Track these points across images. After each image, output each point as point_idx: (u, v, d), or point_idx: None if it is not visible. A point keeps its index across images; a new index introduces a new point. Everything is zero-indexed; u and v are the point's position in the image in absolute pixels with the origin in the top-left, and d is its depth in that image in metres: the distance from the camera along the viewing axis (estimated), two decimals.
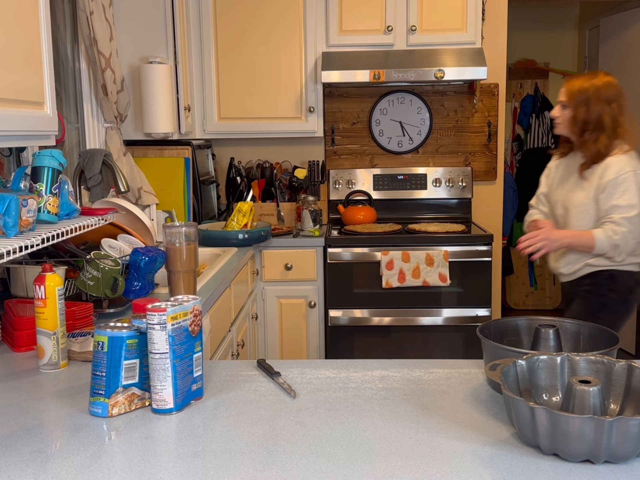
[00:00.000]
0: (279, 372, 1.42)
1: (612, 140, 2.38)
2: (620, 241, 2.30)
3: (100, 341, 1.24)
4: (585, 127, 2.39)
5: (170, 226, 1.91)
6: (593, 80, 2.44)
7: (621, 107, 2.45)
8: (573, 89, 2.42)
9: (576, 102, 2.41)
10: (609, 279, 2.41)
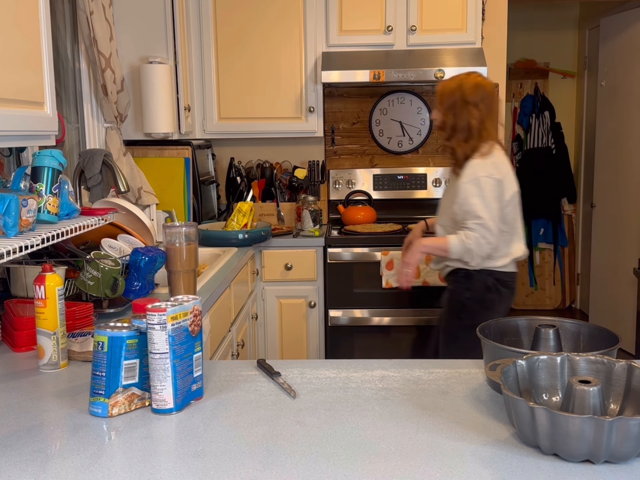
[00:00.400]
0: (279, 372, 1.43)
1: (479, 143, 2.37)
2: (472, 246, 2.31)
3: (100, 341, 1.24)
4: (454, 131, 2.39)
5: (170, 226, 1.91)
6: (461, 82, 2.40)
7: (489, 108, 2.40)
8: (442, 93, 2.42)
9: (445, 106, 2.41)
10: (465, 277, 2.43)
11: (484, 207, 2.30)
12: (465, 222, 2.34)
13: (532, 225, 5.43)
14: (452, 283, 2.50)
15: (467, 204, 2.33)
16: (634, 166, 4.43)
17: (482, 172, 2.33)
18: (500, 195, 2.34)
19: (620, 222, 4.63)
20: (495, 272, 2.42)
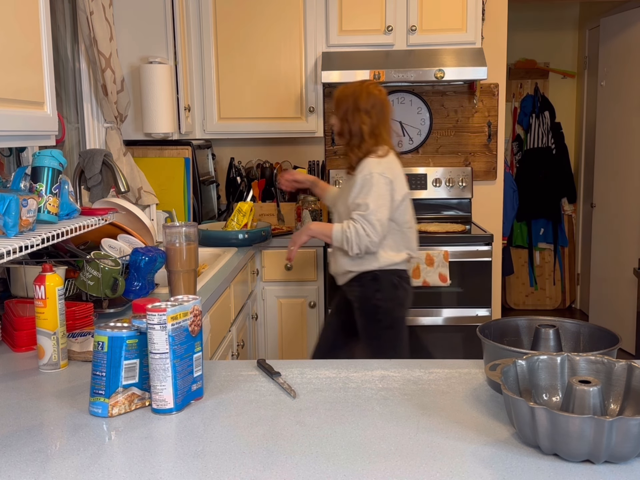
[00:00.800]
0: (279, 372, 1.42)
1: (372, 147, 2.49)
2: (351, 235, 2.42)
3: (100, 341, 1.24)
4: (349, 136, 2.52)
5: (170, 226, 1.91)
6: (354, 90, 2.53)
7: (381, 115, 2.53)
8: (337, 100, 2.55)
9: (340, 114, 2.54)
10: (373, 279, 2.53)
11: (372, 201, 2.42)
12: (352, 213, 2.46)
13: (532, 225, 5.43)
14: (359, 288, 2.57)
15: (357, 198, 2.45)
16: (634, 166, 4.43)
17: (375, 169, 2.45)
18: (391, 195, 2.47)
19: (620, 222, 4.63)
20: (397, 270, 2.56)
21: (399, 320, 2.61)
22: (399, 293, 2.57)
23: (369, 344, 2.60)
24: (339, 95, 2.56)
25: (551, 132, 5.32)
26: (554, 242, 5.43)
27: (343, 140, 2.58)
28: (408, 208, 2.59)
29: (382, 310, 2.54)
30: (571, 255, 5.52)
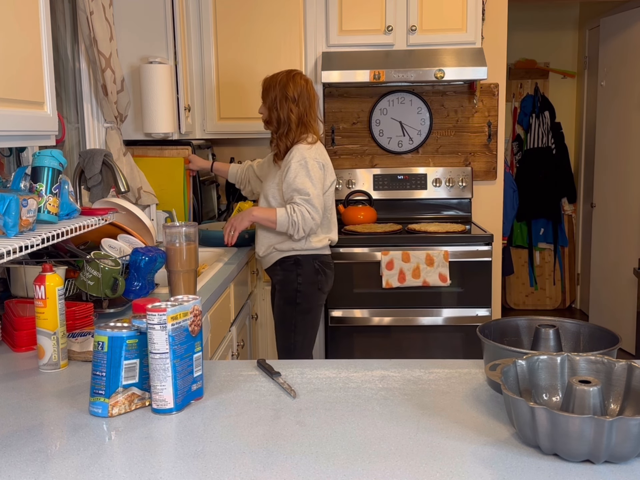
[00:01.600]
0: (279, 372, 1.43)
1: (301, 135, 2.59)
2: (298, 219, 2.50)
3: (100, 341, 1.24)
4: (277, 125, 2.61)
5: (170, 226, 1.91)
6: (281, 79, 2.61)
7: (307, 104, 2.62)
8: (265, 89, 2.63)
9: (268, 102, 2.63)
10: (295, 264, 2.65)
11: (311, 185, 2.52)
12: (292, 198, 2.53)
13: (532, 225, 5.43)
14: (281, 272, 2.68)
15: (295, 183, 2.52)
16: (634, 166, 4.43)
17: (309, 155, 2.56)
18: (323, 180, 2.60)
19: (620, 222, 4.63)
20: (319, 255, 2.69)
21: (317, 306, 2.71)
22: (319, 278, 2.67)
23: (282, 327, 2.70)
24: (266, 84, 2.63)
25: (551, 132, 5.33)
26: (554, 242, 5.43)
27: (271, 128, 2.66)
28: (332, 195, 2.73)
29: (302, 294, 2.65)
30: (571, 255, 5.52)
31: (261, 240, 2.71)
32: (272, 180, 2.69)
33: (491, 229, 3.62)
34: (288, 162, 2.57)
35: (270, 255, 2.70)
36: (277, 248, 2.65)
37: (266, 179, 2.76)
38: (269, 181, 2.70)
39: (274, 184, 2.67)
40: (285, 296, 2.69)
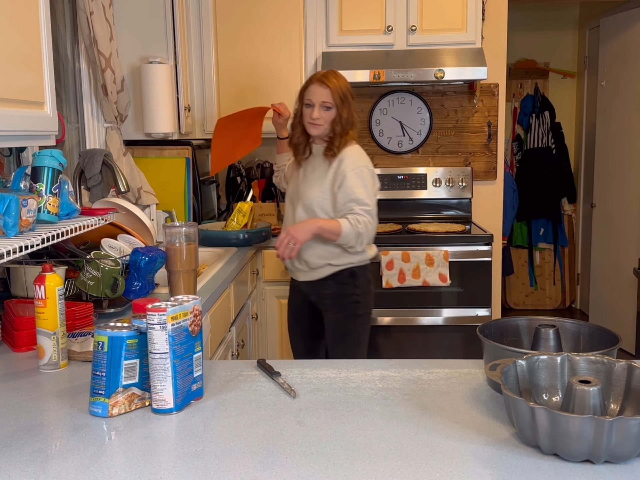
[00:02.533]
0: (279, 372, 1.42)
1: (355, 136, 2.50)
2: (362, 230, 2.35)
3: (100, 341, 1.24)
4: (342, 125, 2.43)
5: (170, 226, 1.91)
6: (343, 79, 2.48)
7: (354, 97, 2.52)
8: (338, 90, 2.42)
9: (341, 102, 2.43)
10: (351, 276, 2.49)
11: (367, 195, 2.39)
12: (352, 209, 2.37)
13: (532, 225, 5.43)
14: (335, 285, 2.50)
15: (354, 193, 2.37)
16: (634, 166, 4.43)
17: (361, 162, 2.43)
18: (374, 186, 2.48)
19: (620, 222, 4.63)
20: (369, 265, 2.58)
21: (371, 315, 2.64)
22: (371, 287, 2.58)
23: (344, 342, 2.54)
24: (336, 85, 2.45)
25: (551, 132, 5.32)
26: (554, 242, 5.43)
27: (338, 128, 2.43)
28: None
29: (361, 305, 2.53)
30: (571, 255, 5.52)
31: (314, 252, 2.47)
32: (317, 188, 2.45)
33: (491, 229, 3.62)
34: (341, 170, 2.40)
35: (321, 269, 2.48)
36: (333, 263, 2.46)
37: (304, 186, 2.50)
38: (312, 189, 2.46)
39: (320, 193, 2.44)
40: (343, 310, 2.51)
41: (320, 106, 2.41)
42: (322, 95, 2.41)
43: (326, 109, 2.41)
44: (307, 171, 2.52)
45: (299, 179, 2.54)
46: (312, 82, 2.46)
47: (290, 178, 2.63)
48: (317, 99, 2.41)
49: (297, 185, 2.54)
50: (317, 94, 2.42)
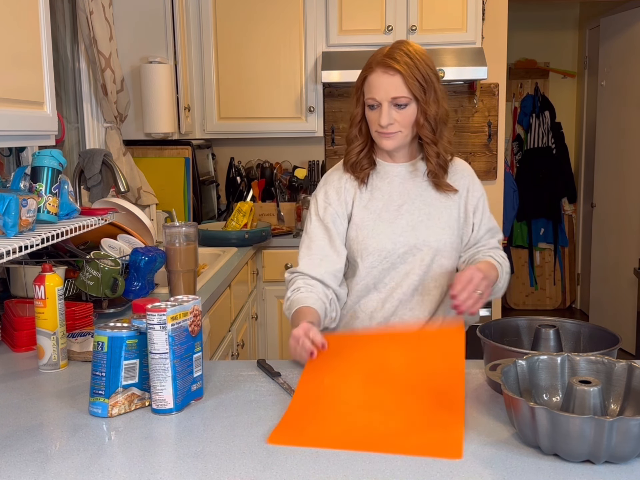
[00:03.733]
0: (279, 372, 1.42)
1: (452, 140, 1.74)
2: (508, 267, 1.72)
3: (100, 341, 1.24)
4: (436, 124, 1.65)
5: (170, 226, 1.91)
6: (421, 54, 1.66)
7: (440, 79, 1.72)
8: (414, 75, 1.61)
9: (423, 92, 1.62)
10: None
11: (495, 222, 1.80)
12: (483, 244, 1.73)
13: (532, 225, 5.43)
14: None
15: (491, 220, 1.75)
16: (634, 166, 4.43)
17: (476, 177, 1.78)
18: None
19: (620, 222, 4.62)
20: None
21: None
22: None
23: None
24: (407, 70, 1.62)
25: (551, 132, 5.32)
26: (554, 242, 5.43)
27: (424, 132, 1.64)
28: None
29: None
30: (571, 255, 5.52)
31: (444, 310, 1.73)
32: (440, 222, 1.68)
33: None
34: (474, 188, 1.72)
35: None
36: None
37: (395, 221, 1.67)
38: (439, 232, 1.67)
39: (447, 230, 1.68)
40: None
41: (389, 105, 1.61)
42: (387, 88, 1.62)
43: (398, 107, 1.62)
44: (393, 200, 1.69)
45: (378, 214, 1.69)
46: (372, 67, 1.70)
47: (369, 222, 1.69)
48: (384, 93, 1.62)
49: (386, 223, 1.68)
50: (382, 85, 1.63)
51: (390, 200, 1.69)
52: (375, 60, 1.71)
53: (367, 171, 1.71)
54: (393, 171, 1.72)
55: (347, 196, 1.71)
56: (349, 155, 1.72)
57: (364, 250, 1.67)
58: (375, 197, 1.70)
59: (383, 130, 1.62)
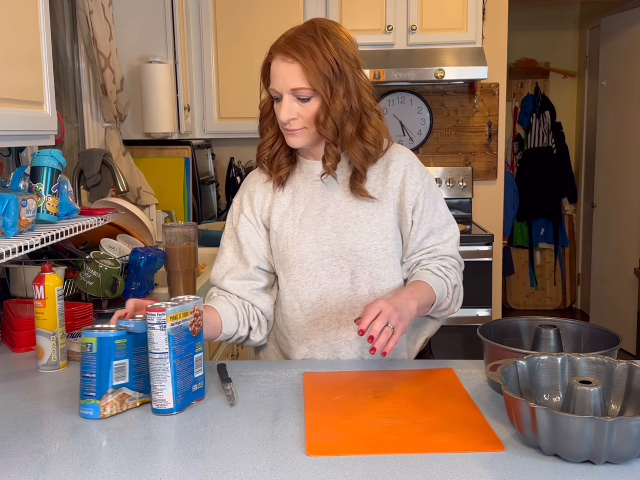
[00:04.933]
0: (230, 379, 1.37)
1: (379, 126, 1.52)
2: (458, 279, 1.55)
3: (88, 343, 1.23)
4: (346, 117, 1.44)
5: (170, 226, 1.91)
6: (335, 38, 1.42)
7: (361, 67, 1.56)
8: (316, 64, 1.39)
9: (327, 85, 1.40)
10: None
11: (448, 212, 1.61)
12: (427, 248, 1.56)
13: (532, 225, 5.43)
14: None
15: (436, 218, 1.56)
16: (635, 166, 4.43)
17: (422, 166, 1.58)
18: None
19: (620, 222, 4.62)
20: None
21: None
22: None
23: None
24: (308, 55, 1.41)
25: (552, 131, 5.32)
26: (555, 242, 5.43)
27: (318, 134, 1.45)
28: None
29: None
30: (572, 255, 5.52)
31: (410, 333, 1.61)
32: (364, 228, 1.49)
33: (491, 229, 3.61)
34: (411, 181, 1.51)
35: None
36: (428, 335, 1.71)
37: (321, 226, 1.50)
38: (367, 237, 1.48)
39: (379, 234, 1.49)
40: None
41: (290, 97, 1.42)
42: (288, 76, 1.42)
43: (301, 100, 1.42)
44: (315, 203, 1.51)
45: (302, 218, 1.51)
46: (272, 53, 1.52)
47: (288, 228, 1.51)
48: (282, 84, 1.43)
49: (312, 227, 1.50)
50: (281, 75, 1.44)
51: (313, 204, 1.49)
52: (276, 45, 1.47)
53: (285, 170, 1.50)
54: (315, 170, 1.51)
55: (264, 203, 1.52)
56: (260, 150, 1.51)
57: (284, 261, 1.48)
58: (297, 200, 1.51)
59: (286, 127, 1.43)
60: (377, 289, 1.49)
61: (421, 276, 1.46)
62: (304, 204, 1.50)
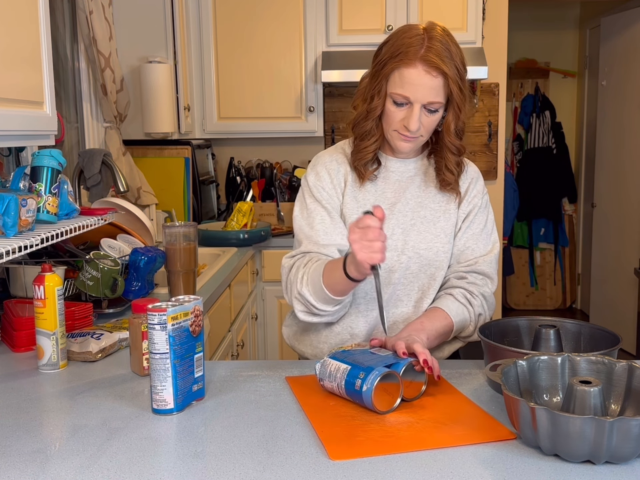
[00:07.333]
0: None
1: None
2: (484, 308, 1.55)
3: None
4: (463, 130, 1.51)
5: (170, 226, 1.91)
6: (456, 45, 1.43)
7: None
8: (456, 78, 1.40)
9: (461, 96, 1.44)
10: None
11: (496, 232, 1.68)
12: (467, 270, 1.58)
13: (532, 225, 5.43)
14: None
15: (482, 238, 1.59)
16: (635, 166, 4.43)
17: (480, 183, 1.62)
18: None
19: (620, 222, 4.62)
20: None
21: None
22: None
23: None
24: (440, 64, 1.38)
25: (552, 131, 5.32)
26: (555, 242, 5.43)
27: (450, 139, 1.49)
28: None
29: None
30: (572, 255, 5.52)
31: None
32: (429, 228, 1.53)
33: None
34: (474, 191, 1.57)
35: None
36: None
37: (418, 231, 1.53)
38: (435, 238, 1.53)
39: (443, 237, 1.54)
40: None
41: (420, 108, 1.41)
42: (429, 89, 1.40)
43: (429, 112, 1.42)
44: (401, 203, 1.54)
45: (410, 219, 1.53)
46: (412, 61, 1.42)
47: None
48: (420, 96, 1.40)
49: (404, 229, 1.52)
50: (421, 86, 1.40)
51: (383, 197, 1.52)
52: (416, 53, 1.40)
53: (373, 170, 1.53)
54: (391, 166, 1.55)
55: (340, 178, 1.54)
56: (362, 152, 1.49)
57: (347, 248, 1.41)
58: (367, 189, 1.53)
59: (406, 134, 1.43)
60: (429, 288, 1.54)
61: (442, 304, 1.49)
62: (374, 194, 1.53)
